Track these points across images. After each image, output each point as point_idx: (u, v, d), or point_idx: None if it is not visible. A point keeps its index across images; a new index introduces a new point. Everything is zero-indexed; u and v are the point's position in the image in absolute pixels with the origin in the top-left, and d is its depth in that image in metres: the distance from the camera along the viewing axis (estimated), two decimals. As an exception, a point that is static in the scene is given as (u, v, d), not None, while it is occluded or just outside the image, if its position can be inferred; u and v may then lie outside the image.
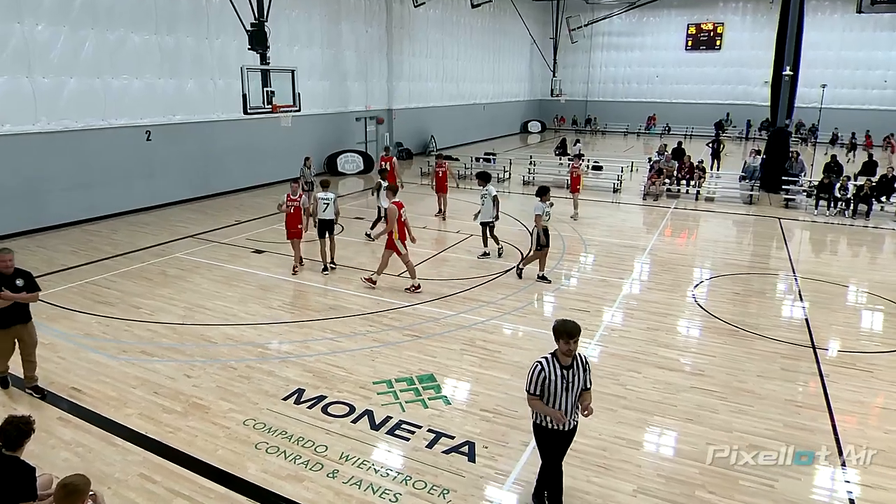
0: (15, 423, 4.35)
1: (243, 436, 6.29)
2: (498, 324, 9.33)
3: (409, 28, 28.29)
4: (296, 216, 11.35)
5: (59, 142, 14.49)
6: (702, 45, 41.55)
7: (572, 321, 4.68)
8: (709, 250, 13.97)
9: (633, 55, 43.92)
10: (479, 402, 6.98)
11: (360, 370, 7.74)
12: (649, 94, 43.70)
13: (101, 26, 15.04)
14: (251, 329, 9.06)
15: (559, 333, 4.63)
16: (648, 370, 7.82)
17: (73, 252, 12.85)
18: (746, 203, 19.22)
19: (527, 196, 20.32)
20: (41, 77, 14.00)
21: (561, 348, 4.66)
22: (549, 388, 4.68)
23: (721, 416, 6.73)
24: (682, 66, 42.31)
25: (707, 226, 16.72)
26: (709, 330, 9.22)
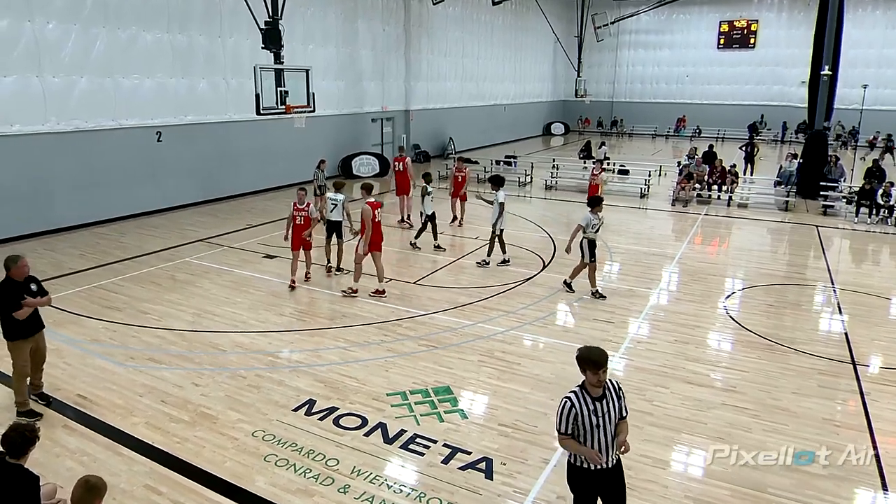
0: (20, 430, 4.40)
1: (252, 447, 6.32)
2: (518, 334, 9.29)
3: (428, 26, 28.44)
4: (304, 227, 10.88)
5: (68, 142, 14.76)
6: (735, 44, 41.23)
7: (598, 348, 4.41)
8: (741, 259, 13.81)
9: (662, 54, 43.72)
10: (498, 417, 6.96)
11: (373, 381, 7.75)
12: (679, 94, 43.44)
13: (112, 24, 15.32)
14: (261, 337, 9.12)
15: (585, 363, 4.34)
16: (676, 385, 7.73)
17: (81, 255, 13.06)
18: (782, 210, 18.98)
19: (549, 202, 20.29)
20: (51, 76, 14.29)
21: (589, 380, 4.35)
22: (581, 424, 4.34)
23: (754, 435, 6.63)
24: (713, 66, 42.03)
25: (740, 234, 16.54)
26: (741, 344, 9.10)
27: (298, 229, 10.95)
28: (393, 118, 27.24)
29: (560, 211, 18.68)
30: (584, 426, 4.35)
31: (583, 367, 4.37)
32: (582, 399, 4.37)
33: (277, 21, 14.43)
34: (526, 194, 21.48)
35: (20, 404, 6.84)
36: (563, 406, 4.39)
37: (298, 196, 10.95)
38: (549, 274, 12.15)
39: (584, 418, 4.34)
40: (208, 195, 18.55)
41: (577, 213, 18.12)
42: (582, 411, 4.34)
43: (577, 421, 4.35)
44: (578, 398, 4.38)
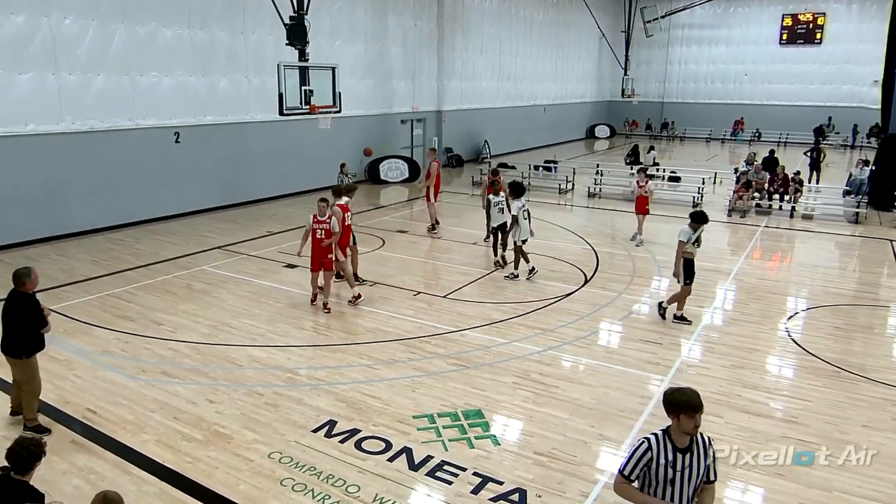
0: (26, 445, 4.49)
1: (268, 470, 6.36)
2: (556, 355, 9.21)
3: (463, 21, 28.61)
4: (324, 242, 10.43)
5: (83, 143, 15.20)
6: (799, 39, 40.54)
7: (691, 388, 4.03)
8: (806, 277, 13.50)
9: (718, 50, 43.22)
10: (533, 444, 6.89)
11: (398, 402, 7.76)
12: (736, 94, 42.86)
13: (131, 20, 15.77)
14: (280, 352, 9.21)
15: (680, 407, 3.92)
16: (731, 414, 7.56)
17: (93, 262, 13.39)
18: (852, 222, 18.53)
19: (592, 211, 20.14)
20: (67, 74, 14.74)
21: (683, 426, 3.93)
22: (654, 474, 3.99)
23: (818, 472, 6.44)
24: (775, 63, 41.38)
25: (804, 248, 16.22)
26: (804, 370, 8.88)
27: (318, 244, 10.47)
28: (424, 119, 27.41)
29: (604, 221, 18.53)
30: (657, 478, 4.00)
31: (676, 412, 3.96)
32: (663, 445, 4.00)
33: (303, 16, 14.66)
34: (567, 202, 21.36)
35: (30, 420, 6.99)
36: (639, 446, 4.05)
37: (319, 207, 10.46)
38: (592, 289, 12.04)
39: (658, 468, 3.98)
40: (227, 200, 18.88)
41: (622, 223, 18.06)
42: (659, 459, 3.97)
43: (650, 469, 4.01)
44: (659, 443, 4.01)
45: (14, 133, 13.98)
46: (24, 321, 6.76)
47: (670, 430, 4.02)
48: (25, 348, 6.83)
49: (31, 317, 6.76)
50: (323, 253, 10.47)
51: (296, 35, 14.61)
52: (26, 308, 6.76)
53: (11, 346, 6.86)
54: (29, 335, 6.81)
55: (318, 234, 10.45)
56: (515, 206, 12.36)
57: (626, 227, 17.45)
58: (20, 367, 6.90)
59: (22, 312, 6.75)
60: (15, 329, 6.81)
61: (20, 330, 6.78)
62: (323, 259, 10.52)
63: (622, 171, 24.93)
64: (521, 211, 12.31)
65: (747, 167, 21.35)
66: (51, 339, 9.13)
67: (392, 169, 24.15)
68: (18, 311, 6.76)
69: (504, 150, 31.99)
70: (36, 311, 6.80)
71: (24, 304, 6.76)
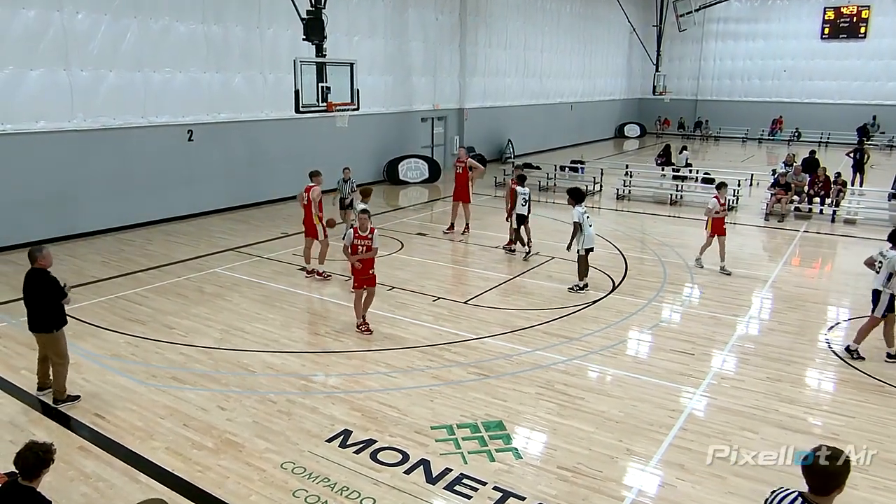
0: (34, 450, 4.57)
1: (280, 481, 6.40)
2: (582, 364, 9.17)
3: (486, 15, 28.65)
4: (369, 261, 9.99)
5: (94, 141, 15.43)
6: (842, 34, 40.02)
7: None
8: (848, 285, 13.29)
9: (756, 45, 42.81)
10: (556, 458, 6.86)
11: (416, 412, 7.77)
12: (775, 92, 42.41)
13: (144, 15, 15.99)
14: (294, 358, 9.27)
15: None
16: (767, 430, 7.47)
17: (103, 263, 13.58)
18: (898, 227, 18.24)
19: (621, 214, 20.04)
20: (79, 70, 14.99)
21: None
22: None
23: (860, 492, 6.34)
24: (816, 59, 40.89)
25: (846, 254, 16.02)
26: (846, 384, 8.75)
27: (366, 264, 9.97)
28: (445, 117, 27.47)
29: (633, 225, 18.42)
30: None
31: (843, 482, 3.61)
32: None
33: (320, 10, 14.76)
34: (594, 205, 21.27)
35: (60, 393, 7.75)
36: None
37: (361, 221, 9.94)
38: (620, 296, 11.97)
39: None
40: (241, 200, 19.06)
41: (654, 227, 17.93)
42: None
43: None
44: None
45: (25, 131, 14.23)
46: (45, 295, 7.48)
47: (812, 498, 3.68)
48: (53, 322, 7.56)
49: (50, 290, 7.47)
50: (366, 269, 10.00)
51: (313, 30, 14.71)
52: (44, 283, 7.47)
53: (38, 322, 7.57)
54: (52, 308, 7.53)
55: (359, 249, 9.92)
56: (577, 213, 12.14)
57: (656, 231, 17.34)
58: (50, 341, 7.63)
59: (41, 287, 7.47)
60: (38, 305, 7.53)
61: (43, 305, 7.51)
62: (366, 275, 10.04)
63: (653, 173, 24.77)
64: (583, 216, 12.10)
65: (786, 169, 21.12)
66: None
67: (412, 169, 24.21)
68: (38, 287, 7.49)
69: (528, 149, 31.94)
70: (54, 284, 7.50)
71: (42, 280, 7.49)
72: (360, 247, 9.89)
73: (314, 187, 12.45)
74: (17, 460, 4.55)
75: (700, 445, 7.11)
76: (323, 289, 12.31)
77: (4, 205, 14.02)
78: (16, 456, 4.57)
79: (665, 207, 20.81)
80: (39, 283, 7.48)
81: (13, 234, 14.09)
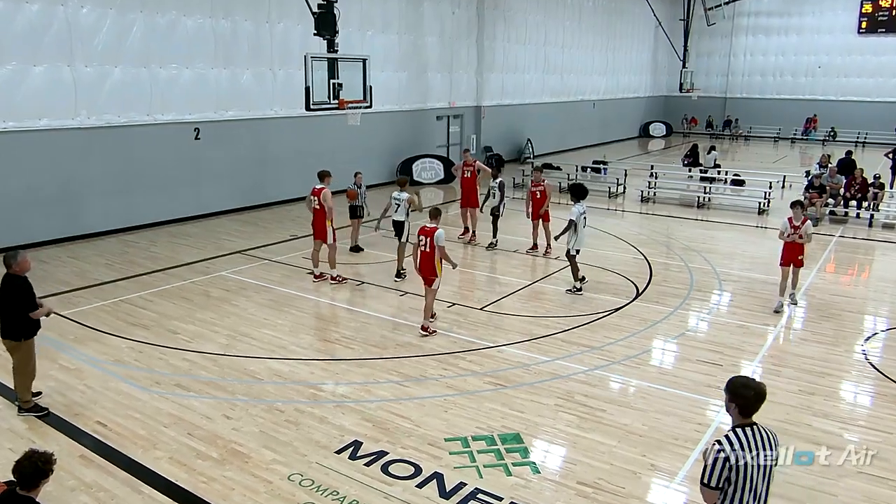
0: (33, 460, 4.60)
1: (287, 493, 6.42)
2: (604, 375, 9.12)
3: (504, 9, 28.67)
4: (430, 254, 10.20)
5: (99, 139, 15.60)
6: (881, 28, 39.68)
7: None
8: (886, 293, 13.17)
9: (789, 40, 42.55)
10: (576, 473, 6.82)
11: (429, 423, 7.76)
12: (809, 89, 42.13)
13: (150, 8, 16.15)
14: (303, 365, 9.29)
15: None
16: (799, 445, 7.39)
17: (107, 265, 13.70)
18: (940, 233, 18.05)
19: (645, 217, 19.95)
20: (83, 66, 15.15)
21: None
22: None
23: None
24: (853, 55, 40.58)
25: (884, 260, 15.87)
26: (884, 398, 8.65)
27: (425, 258, 10.28)
28: (461, 115, 27.50)
29: (658, 228, 18.33)
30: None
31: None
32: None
33: (332, 4, 14.80)
34: (617, 207, 21.20)
35: (25, 402, 7.71)
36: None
37: (431, 216, 10.41)
38: (644, 304, 11.91)
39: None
40: (249, 201, 19.17)
41: (680, 230, 17.84)
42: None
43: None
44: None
45: (27, 128, 14.41)
46: (15, 303, 7.41)
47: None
48: (22, 331, 7.52)
49: (19, 298, 7.41)
50: (430, 267, 10.23)
51: (324, 24, 14.76)
52: (15, 290, 7.42)
53: (7, 329, 7.53)
54: (21, 317, 7.47)
55: (422, 247, 10.21)
56: (576, 211, 12.17)
57: (682, 236, 17.25)
58: (15, 349, 7.58)
59: (13, 294, 7.41)
60: (9, 311, 7.46)
61: (14, 312, 7.45)
62: (430, 275, 10.28)
63: (680, 174, 24.65)
64: (581, 217, 12.16)
65: (821, 170, 20.98)
66: (61, 347, 9.45)
67: (426, 169, 24.23)
68: (10, 294, 7.42)
69: (548, 149, 31.90)
70: (26, 291, 7.45)
71: (14, 286, 7.44)
72: (424, 243, 10.20)
73: (324, 189, 12.50)
74: (16, 470, 4.58)
75: (728, 461, 7.05)
76: (333, 293, 12.35)
77: (6, 204, 14.18)
78: (14, 465, 4.61)
79: (692, 210, 20.68)
80: (11, 290, 7.40)
81: (16, 234, 14.17)
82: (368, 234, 16.00)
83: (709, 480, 4.24)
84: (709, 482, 4.24)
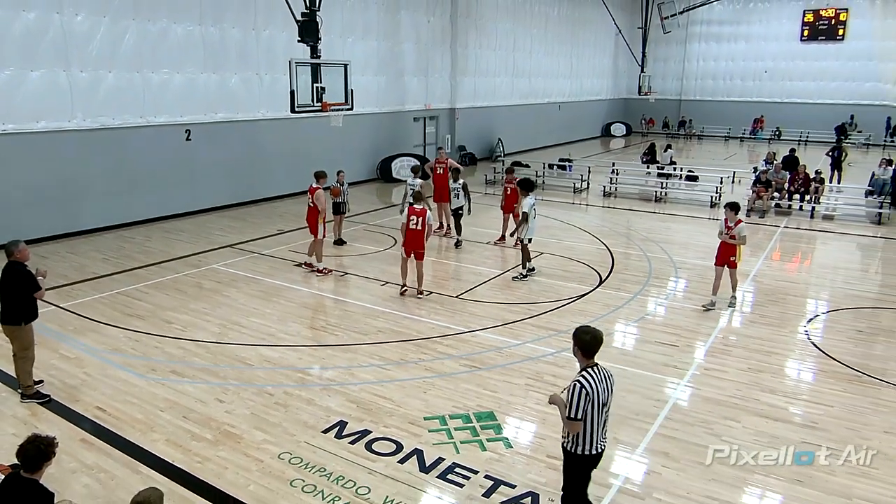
0: (36, 444, 4.53)
1: (278, 471, 6.40)
2: (570, 357, 9.09)
3: (476, 17, 28.59)
4: (420, 233, 11.28)
5: (94, 140, 15.33)
6: (821, 36, 40.21)
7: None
8: (826, 278, 13.39)
9: (738, 47, 42.97)
10: (546, 447, 6.87)
11: (409, 403, 7.77)
12: (756, 92, 42.59)
13: (142, 17, 15.88)
14: (291, 351, 9.25)
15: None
16: (749, 419, 7.51)
17: (104, 259, 13.50)
18: (874, 223, 18.35)
19: (608, 210, 20.07)
20: (79, 71, 14.87)
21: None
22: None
23: (838, 478, 6.39)
24: (796, 60, 41.08)
25: (825, 249, 16.09)
26: (825, 374, 8.81)
27: (417, 234, 11.26)
28: (437, 117, 27.43)
29: (619, 221, 18.46)
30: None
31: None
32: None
33: (315, 13, 14.69)
34: (582, 202, 21.31)
35: (28, 388, 7.64)
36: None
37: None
38: (607, 291, 12.00)
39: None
40: (238, 198, 18.98)
41: (639, 222, 17.98)
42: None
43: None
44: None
45: (26, 130, 14.13)
46: (19, 288, 7.38)
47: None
48: (23, 315, 7.48)
49: (24, 282, 7.38)
50: (421, 243, 11.38)
51: (308, 32, 14.64)
52: (19, 275, 7.39)
53: (8, 314, 7.48)
54: (24, 301, 7.44)
55: (416, 225, 11.35)
56: (528, 203, 12.30)
57: (641, 227, 17.39)
58: (16, 334, 7.53)
59: (16, 280, 7.38)
60: (11, 297, 7.43)
61: (16, 297, 7.41)
62: (420, 248, 11.40)
63: (639, 170, 24.84)
64: (532, 208, 12.27)
65: (767, 166, 21.21)
66: (61, 337, 9.32)
67: (405, 167, 24.10)
68: (13, 279, 7.38)
69: (518, 148, 31.93)
70: (28, 276, 7.43)
71: (17, 272, 7.41)
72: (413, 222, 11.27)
73: (318, 190, 12.44)
74: (19, 453, 4.51)
75: (684, 434, 7.15)
76: (319, 284, 12.29)
77: (7, 203, 13.91)
78: (18, 449, 4.53)
79: (650, 204, 20.86)
80: (15, 276, 7.39)
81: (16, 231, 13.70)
82: (352, 228, 15.99)
83: (575, 414, 4.83)
84: (575, 415, 4.84)
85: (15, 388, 7.80)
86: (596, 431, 4.96)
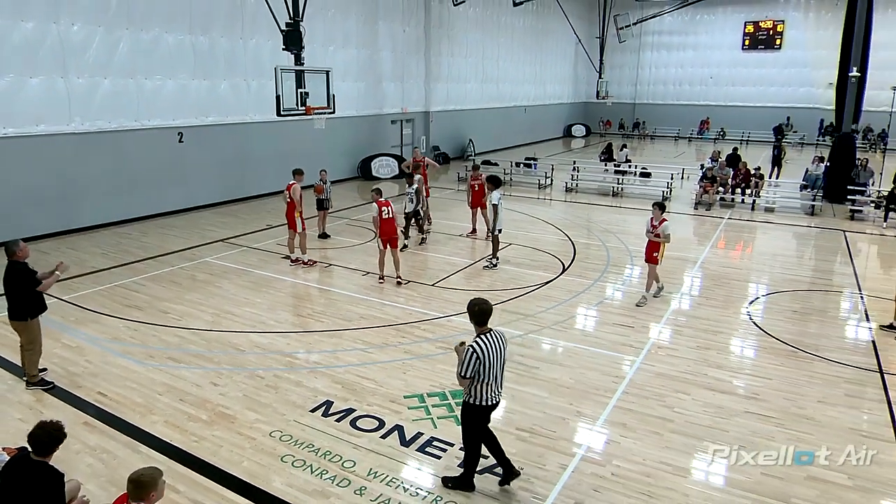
0: (47, 430, 4.47)
1: (269, 448, 6.37)
2: (536, 338, 9.25)
3: (448, 28, 28.48)
4: (391, 222, 11.36)
5: (91, 142, 15.01)
6: (760, 45, 40.75)
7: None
8: (766, 264, 13.63)
9: (686, 55, 43.36)
10: (515, 421, 6.93)
11: (390, 383, 7.78)
12: (702, 96, 43.05)
13: (135, 27, 15.55)
14: (280, 337, 9.19)
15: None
16: (698, 392, 7.65)
17: (102, 254, 13.26)
18: (808, 214, 18.71)
19: (569, 204, 20.19)
20: (76, 77, 14.54)
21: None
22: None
23: (777, 443, 6.53)
24: (738, 67, 41.57)
25: (764, 238, 16.34)
26: (765, 350, 8.99)
27: (391, 222, 11.33)
28: (413, 120, 27.31)
29: (580, 214, 18.60)
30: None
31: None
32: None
33: (298, 23, 14.52)
34: (546, 197, 21.41)
35: (33, 377, 7.52)
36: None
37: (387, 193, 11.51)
38: (569, 278, 12.09)
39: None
40: (229, 196, 18.74)
41: (598, 215, 18.14)
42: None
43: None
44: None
45: (26, 133, 13.80)
46: (22, 285, 7.26)
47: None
48: (28, 310, 7.33)
49: (24, 279, 7.27)
50: (395, 230, 11.51)
51: (292, 41, 14.47)
52: (20, 273, 7.28)
53: (14, 310, 7.34)
54: (28, 298, 7.29)
55: (388, 215, 11.36)
56: (496, 196, 12.27)
57: (600, 220, 17.54)
58: (23, 328, 7.38)
59: (18, 277, 7.26)
60: (15, 294, 7.29)
61: (20, 294, 7.28)
62: (395, 235, 11.55)
63: (597, 168, 25.02)
64: (500, 201, 12.27)
65: (712, 163, 21.47)
66: (63, 328, 9.15)
67: (383, 166, 24.08)
68: (15, 277, 7.27)
69: (487, 148, 31.94)
70: (28, 273, 7.30)
71: (18, 271, 7.29)
72: (385, 211, 11.29)
73: (294, 185, 12.33)
74: (31, 438, 4.45)
75: (640, 406, 7.26)
76: (305, 274, 12.21)
77: (9, 203, 13.59)
78: (29, 435, 4.47)
79: (608, 198, 21.02)
80: (16, 274, 7.26)
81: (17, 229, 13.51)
82: (335, 223, 15.90)
83: (464, 373, 5.28)
84: (464, 374, 5.28)
85: (21, 376, 7.66)
86: (490, 387, 5.37)
